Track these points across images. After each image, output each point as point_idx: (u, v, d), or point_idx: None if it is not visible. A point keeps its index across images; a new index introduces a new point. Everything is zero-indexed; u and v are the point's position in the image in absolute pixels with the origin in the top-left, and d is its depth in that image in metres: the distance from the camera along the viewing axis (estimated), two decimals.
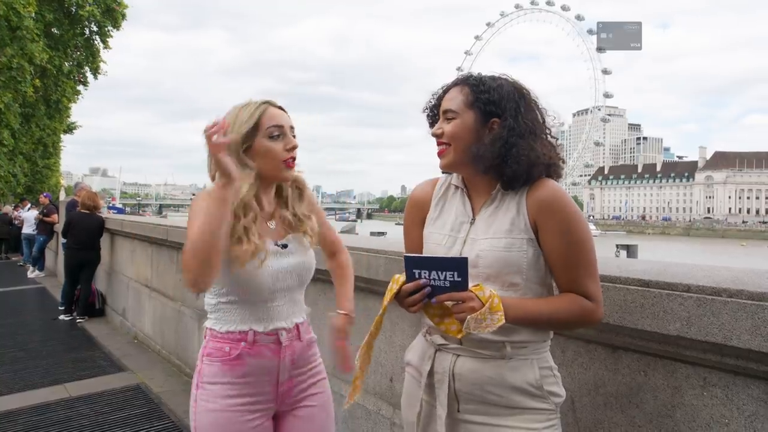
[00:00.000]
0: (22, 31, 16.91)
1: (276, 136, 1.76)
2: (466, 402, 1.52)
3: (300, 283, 1.88)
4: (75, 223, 8.09)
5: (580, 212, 1.52)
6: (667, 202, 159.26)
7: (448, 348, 1.56)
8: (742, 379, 1.47)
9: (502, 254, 1.47)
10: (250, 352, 1.77)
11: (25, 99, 18.73)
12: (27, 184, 27.66)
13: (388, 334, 2.72)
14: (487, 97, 1.53)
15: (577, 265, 1.47)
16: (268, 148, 1.75)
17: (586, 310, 1.46)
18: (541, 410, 1.48)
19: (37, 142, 26.50)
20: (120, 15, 22.41)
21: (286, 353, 1.83)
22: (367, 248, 2.72)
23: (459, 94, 1.57)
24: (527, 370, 1.48)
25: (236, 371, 1.77)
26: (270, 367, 1.80)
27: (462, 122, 1.54)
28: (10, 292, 10.93)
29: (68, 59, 22.75)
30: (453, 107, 1.56)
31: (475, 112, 1.54)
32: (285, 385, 1.85)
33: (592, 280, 1.48)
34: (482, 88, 1.54)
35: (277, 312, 1.82)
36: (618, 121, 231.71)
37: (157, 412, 4.36)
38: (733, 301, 1.40)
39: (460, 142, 1.54)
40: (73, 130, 31.84)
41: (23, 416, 4.26)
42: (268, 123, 1.75)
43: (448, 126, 1.56)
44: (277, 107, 1.82)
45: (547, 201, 1.48)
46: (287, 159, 1.77)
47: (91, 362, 5.80)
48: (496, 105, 1.52)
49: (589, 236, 1.49)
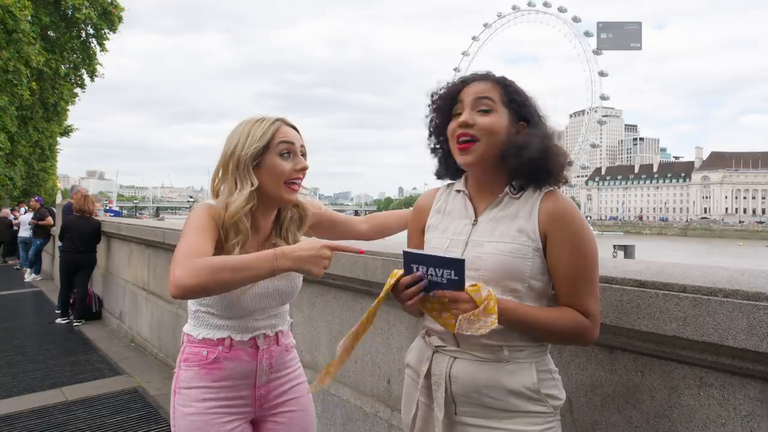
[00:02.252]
0: (19, 34, 16.87)
1: (286, 154, 1.74)
2: (463, 405, 1.52)
3: (281, 302, 1.88)
4: (70, 227, 8.08)
5: (590, 229, 1.52)
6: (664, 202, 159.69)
7: (446, 350, 1.55)
8: (738, 379, 1.47)
9: (506, 259, 1.45)
10: (228, 356, 1.78)
11: (21, 102, 18.68)
12: (24, 188, 27.60)
13: (385, 336, 2.72)
14: (519, 99, 1.52)
15: (580, 280, 1.45)
16: (276, 165, 1.72)
17: (583, 326, 1.45)
18: (539, 413, 1.47)
19: (34, 145, 26.43)
20: (116, 18, 22.37)
21: (263, 357, 1.83)
22: (365, 250, 2.71)
23: (492, 88, 1.53)
24: (525, 373, 1.47)
25: (213, 375, 1.77)
26: (247, 370, 1.81)
27: (499, 117, 1.50)
28: (6, 295, 10.89)
29: (65, 62, 22.68)
30: (491, 96, 1.51)
31: (510, 111, 1.52)
32: (262, 389, 1.85)
33: (593, 298, 1.47)
34: (513, 88, 1.53)
35: (257, 324, 1.83)
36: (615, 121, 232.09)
37: (154, 415, 4.35)
38: (729, 301, 1.41)
39: (493, 138, 1.48)
40: (69, 133, 31.79)
41: (21, 420, 4.25)
42: (280, 140, 1.73)
43: (484, 118, 1.49)
44: (289, 125, 1.79)
45: (561, 213, 1.47)
46: (292, 180, 1.74)
47: (89, 366, 5.79)
48: (527, 108, 1.52)
49: (596, 254, 1.48)
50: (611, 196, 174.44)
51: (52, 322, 7.94)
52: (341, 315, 3.02)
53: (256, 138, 1.72)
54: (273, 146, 1.73)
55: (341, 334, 2.71)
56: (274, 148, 1.73)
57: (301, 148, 1.80)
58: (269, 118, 1.77)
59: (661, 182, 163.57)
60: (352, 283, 2.81)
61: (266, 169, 1.73)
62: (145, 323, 6.40)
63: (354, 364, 2.90)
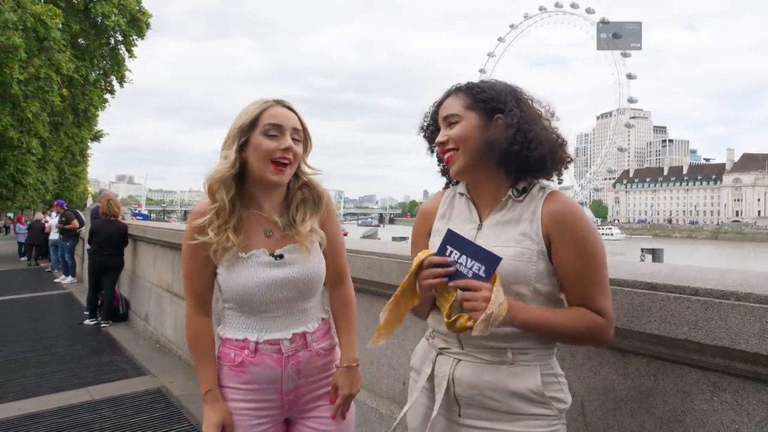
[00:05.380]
0: (50, 42, 17.33)
1: (272, 135, 1.72)
2: (466, 407, 1.52)
3: (301, 294, 1.80)
4: (98, 230, 8.26)
5: (595, 228, 1.51)
6: (694, 205, 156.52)
7: (450, 352, 1.55)
8: (752, 383, 1.45)
9: (511, 263, 1.44)
10: (253, 361, 1.77)
11: (53, 108, 19.14)
12: (55, 192, 28.23)
13: (400, 339, 2.73)
14: (484, 96, 1.52)
15: (590, 281, 1.44)
16: (260, 143, 1.71)
17: (598, 325, 1.44)
18: (542, 416, 1.46)
19: (66, 151, 27.06)
20: (144, 24, 22.82)
21: (289, 363, 1.79)
22: (380, 252, 2.73)
23: (455, 100, 1.56)
24: (529, 376, 1.46)
25: (240, 377, 1.79)
26: (272, 376, 1.78)
27: (467, 123, 1.52)
28: (37, 297, 11.15)
29: (94, 69, 23.22)
30: (454, 111, 1.55)
31: (477, 112, 1.53)
32: (291, 394, 1.82)
33: (604, 297, 1.45)
34: (477, 89, 1.54)
35: (272, 323, 1.78)
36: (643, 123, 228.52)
37: (177, 415, 4.42)
38: (741, 305, 1.39)
39: (468, 142, 1.51)
40: (100, 138, 32.46)
41: (47, 418, 4.35)
42: (267, 120, 1.73)
43: (453, 130, 1.54)
44: (285, 107, 1.78)
45: (563, 214, 1.46)
46: (277, 159, 1.72)
47: (114, 366, 5.89)
48: (495, 101, 1.52)
49: (602, 253, 1.47)
50: (640, 198, 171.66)
51: (81, 324, 8.10)
52: (358, 317, 3.02)
53: (244, 115, 1.75)
54: (259, 125, 1.73)
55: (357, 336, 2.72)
56: (260, 128, 1.73)
57: (294, 131, 1.76)
58: (264, 99, 1.78)
59: (690, 184, 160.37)
60: (367, 285, 2.82)
61: (251, 146, 1.73)
62: (170, 325, 6.49)
63: (369, 366, 2.91)
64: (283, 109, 1.77)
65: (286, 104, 1.79)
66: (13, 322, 8.44)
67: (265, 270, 1.74)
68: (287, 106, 1.79)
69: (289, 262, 1.77)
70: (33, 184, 21.35)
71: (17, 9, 15.62)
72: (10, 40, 14.87)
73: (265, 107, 1.75)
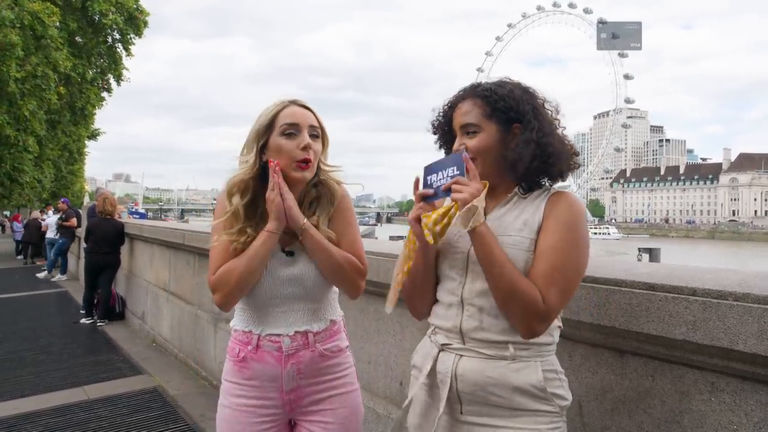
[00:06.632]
0: (47, 40, 17.30)
1: (289, 134, 1.74)
2: (468, 403, 1.52)
3: (305, 293, 1.80)
4: (94, 229, 8.24)
5: (587, 230, 1.53)
6: (691, 204, 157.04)
7: (452, 348, 1.55)
8: (750, 384, 1.44)
9: (508, 251, 1.46)
10: (254, 357, 1.79)
11: (50, 106, 19.10)
12: (52, 190, 28.16)
13: (398, 338, 2.72)
14: (504, 105, 1.53)
15: (553, 265, 1.43)
16: (280, 145, 1.74)
17: (535, 306, 1.39)
18: (544, 412, 1.47)
19: (62, 149, 26.99)
20: (142, 23, 22.80)
21: (289, 362, 1.78)
22: (377, 252, 2.72)
23: (473, 107, 1.56)
24: (530, 371, 1.47)
25: (243, 373, 1.81)
26: (273, 374, 1.79)
27: (486, 135, 1.54)
28: (33, 296, 11.12)
29: (92, 67, 23.18)
30: (473, 121, 1.55)
31: (496, 122, 1.54)
32: (292, 394, 1.81)
33: (558, 291, 1.42)
34: (495, 97, 1.54)
35: (276, 318, 1.79)
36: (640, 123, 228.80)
37: (173, 414, 4.40)
38: (739, 305, 1.38)
39: (488, 155, 1.54)
40: (97, 136, 32.40)
41: (43, 418, 4.33)
42: (283, 120, 1.75)
43: (472, 141, 1.54)
44: (300, 106, 1.80)
45: (562, 204, 1.50)
46: (301, 159, 1.73)
47: (110, 365, 5.87)
48: (514, 111, 1.53)
49: (582, 253, 1.47)
50: (636, 198, 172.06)
51: (77, 322, 8.08)
52: (355, 317, 3.02)
53: (261, 118, 1.77)
54: (276, 126, 1.75)
55: (355, 335, 2.72)
56: (277, 128, 1.75)
57: (312, 128, 1.78)
58: (280, 100, 1.80)
59: (687, 184, 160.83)
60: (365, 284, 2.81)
61: (272, 149, 1.75)
62: (166, 324, 6.48)
63: (366, 365, 2.90)
64: (298, 108, 1.79)
65: (301, 103, 1.81)
66: (9, 321, 8.40)
67: (275, 264, 1.77)
68: (303, 105, 1.81)
69: (299, 259, 1.79)
70: (29, 183, 21.28)
71: (14, 6, 15.60)
72: (7, 38, 14.86)
73: (281, 108, 1.77)
